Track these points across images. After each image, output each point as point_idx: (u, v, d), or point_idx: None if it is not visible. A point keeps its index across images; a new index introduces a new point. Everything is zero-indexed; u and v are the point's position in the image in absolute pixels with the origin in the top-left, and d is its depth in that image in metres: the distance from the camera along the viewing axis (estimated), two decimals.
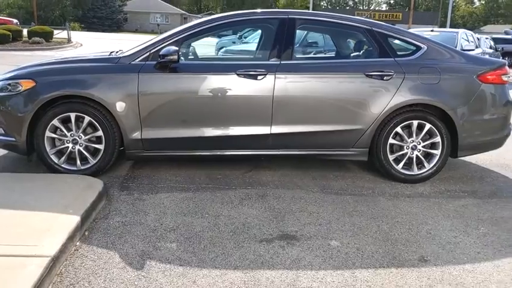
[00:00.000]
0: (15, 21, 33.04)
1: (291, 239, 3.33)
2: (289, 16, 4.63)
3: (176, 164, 4.84)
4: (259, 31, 5.82)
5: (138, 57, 4.35)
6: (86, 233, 3.27)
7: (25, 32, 25.11)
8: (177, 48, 4.23)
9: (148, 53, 4.36)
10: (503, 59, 21.66)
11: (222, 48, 14.11)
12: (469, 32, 14.26)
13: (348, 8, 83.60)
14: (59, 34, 28.20)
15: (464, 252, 3.25)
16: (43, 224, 3.11)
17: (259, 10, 4.93)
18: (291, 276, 2.83)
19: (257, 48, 5.26)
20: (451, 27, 36.07)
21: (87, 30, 48.91)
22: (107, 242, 3.17)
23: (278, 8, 54.98)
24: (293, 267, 2.94)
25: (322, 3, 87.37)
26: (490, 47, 16.81)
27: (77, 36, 31.87)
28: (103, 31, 51.07)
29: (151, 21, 62.70)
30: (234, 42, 15.75)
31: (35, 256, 2.70)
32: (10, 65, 13.79)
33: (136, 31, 57.50)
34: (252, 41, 13.51)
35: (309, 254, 3.13)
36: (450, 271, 2.98)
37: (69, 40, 27.49)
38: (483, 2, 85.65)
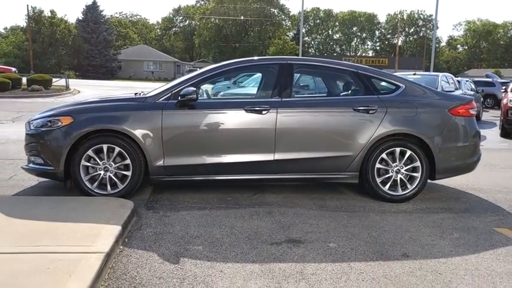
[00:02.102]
0: (13, 69, 34.06)
1: (297, 243, 4.00)
2: (288, 62, 5.47)
3: (191, 189, 5.53)
4: (260, 74, 6.64)
5: (162, 97, 5.13)
6: (126, 240, 3.93)
7: (24, 80, 25.98)
8: (195, 89, 5.02)
9: (170, 94, 5.14)
10: (484, 100, 22.78)
11: (218, 92, 14.92)
12: (449, 75, 15.35)
13: (335, 54, 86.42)
14: (57, 82, 29.18)
15: (439, 251, 3.94)
16: (93, 231, 3.77)
17: (261, 57, 5.80)
18: (299, 267, 3.50)
19: (259, 89, 6.04)
20: (436, 71, 37.68)
21: (82, 78, 50.10)
22: (144, 246, 3.83)
23: (268, 55, 56.91)
24: (300, 261, 3.61)
25: (310, 51, 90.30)
26: (471, 89, 17.93)
27: (74, 83, 32.84)
28: (97, 79, 52.32)
29: (145, 68, 64.44)
30: (228, 87, 16.69)
31: (93, 252, 3.35)
32: (12, 111, 14.62)
33: (130, 78, 58.96)
34: (247, 85, 14.44)
35: (312, 252, 3.80)
36: (427, 263, 3.67)
37: (67, 87, 28.35)
38: (466, 48, 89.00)
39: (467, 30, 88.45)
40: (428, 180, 5.50)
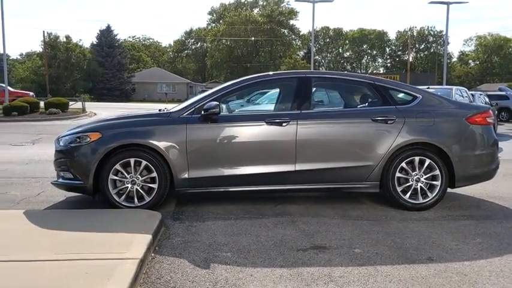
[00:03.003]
0: (31, 93, 34.92)
1: (322, 249, 4.10)
2: (306, 75, 5.65)
3: (214, 201, 5.65)
4: (277, 89, 6.78)
5: (186, 112, 5.31)
6: (157, 248, 4.06)
7: (42, 103, 26.56)
8: (218, 103, 5.20)
9: (193, 108, 5.32)
10: (499, 114, 22.73)
11: (233, 111, 15.05)
12: (463, 89, 15.44)
13: (346, 71, 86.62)
14: (74, 105, 29.79)
15: (463, 254, 4.00)
16: (125, 240, 3.92)
17: (280, 72, 6.01)
18: (327, 270, 3.60)
19: (278, 102, 6.19)
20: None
21: (97, 101, 50.79)
22: (175, 253, 3.95)
23: None
24: (327, 265, 3.71)
25: (321, 69, 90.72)
26: (485, 103, 17.95)
27: (90, 106, 33.36)
28: (112, 101, 52.97)
29: (159, 90, 65.16)
30: (242, 106, 16.87)
31: (128, 259, 3.48)
32: (31, 134, 14.95)
33: (144, 100, 59.64)
34: (261, 103, 14.63)
35: (338, 257, 3.90)
36: (452, 265, 3.74)
37: (83, 110, 28.84)
38: (478, 63, 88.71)
39: (478, 45, 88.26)
40: (448, 189, 5.57)
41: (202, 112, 5.21)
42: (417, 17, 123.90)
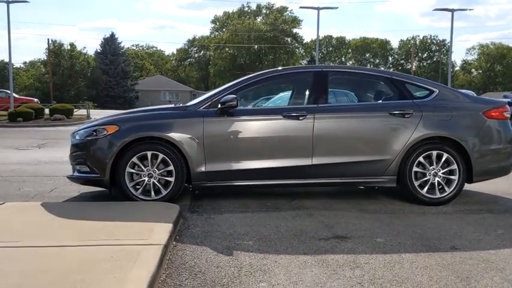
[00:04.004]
0: (36, 100, 35.09)
1: (344, 238, 4.08)
2: (323, 69, 5.64)
3: (230, 196, 5.63)
4: (292, 84, 6.73)
5: (202, 106, 5.30)
6: (177, 237, 4.03)
7: (47, 110, 26.65)
8: (235, 96, 5.18)
9: (210, 102, 5.32)
10: None
11: None
12: (470, 92, 15.49)
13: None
14: (78, 111, 29.93)
15: (487, 244, 3.97)
16: (147, 227, 3.90)
17: (296, 66, 6.03)
18: (351, 257, 3.57)
19: (293, 96, 6.15)
20: None
21: (100, 108, 50.85)
22: (196, 241, 3.93)
23: None
24: (351, 253, 3.68)
25: None
26: None
27: (94, 113, 33.40)
28: (116, 109, 52.94)
29: (162, 98, 65.19)
30: None
31: (152, 244, 3.47)
32: (37, 139, 14.97)
33: None
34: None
35: (361, 245, 3.87)
36: (477, 253, 3.71)
37: (88, 116, 28.94)
38: (480, 72, 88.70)
39: (480, 54, 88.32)
40: (466, 184, 5.53)
41: (219, 105, 5.20)
42: (420, 26, 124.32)
